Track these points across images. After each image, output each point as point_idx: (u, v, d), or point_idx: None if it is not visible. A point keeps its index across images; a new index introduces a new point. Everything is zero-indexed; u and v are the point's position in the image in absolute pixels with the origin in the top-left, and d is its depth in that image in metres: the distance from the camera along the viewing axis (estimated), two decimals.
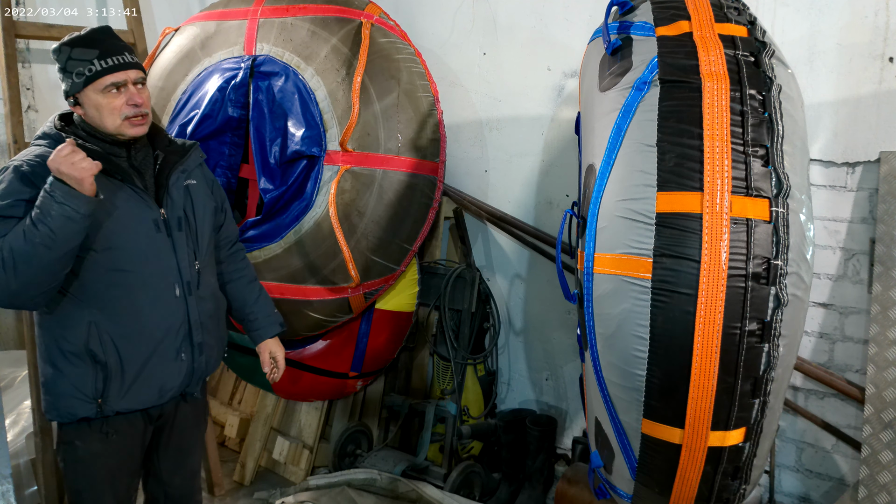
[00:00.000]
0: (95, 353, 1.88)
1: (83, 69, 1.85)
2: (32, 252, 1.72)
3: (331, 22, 2.94)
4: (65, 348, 1.89)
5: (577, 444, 3.06)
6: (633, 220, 1.75)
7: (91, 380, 1.90)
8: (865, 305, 2.43)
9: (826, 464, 2.58)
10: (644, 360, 1.74)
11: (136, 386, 1.95)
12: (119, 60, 1.89)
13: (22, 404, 3.24)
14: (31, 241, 1.71)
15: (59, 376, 1.90)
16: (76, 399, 1.90)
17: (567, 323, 3.18)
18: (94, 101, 1.88)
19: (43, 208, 1.72)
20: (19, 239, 1.72)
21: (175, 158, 2.07)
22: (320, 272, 2.86)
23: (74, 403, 1.91)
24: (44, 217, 1.71)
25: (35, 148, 1.90)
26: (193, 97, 3.03)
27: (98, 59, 1.86)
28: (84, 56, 1.86)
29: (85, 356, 1.89)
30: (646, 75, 1.83)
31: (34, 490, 3.04)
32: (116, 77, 1.88)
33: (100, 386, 1.91)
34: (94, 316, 1.88)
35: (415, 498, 2.86)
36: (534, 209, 3.20)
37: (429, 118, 2.99)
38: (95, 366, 1.90)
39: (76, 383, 1.90)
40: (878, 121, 2.33)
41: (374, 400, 3.48)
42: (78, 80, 1.86)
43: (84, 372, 1.90)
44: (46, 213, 1.71)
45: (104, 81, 1.87)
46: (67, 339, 1.88)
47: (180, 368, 2.03)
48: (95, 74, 1.86)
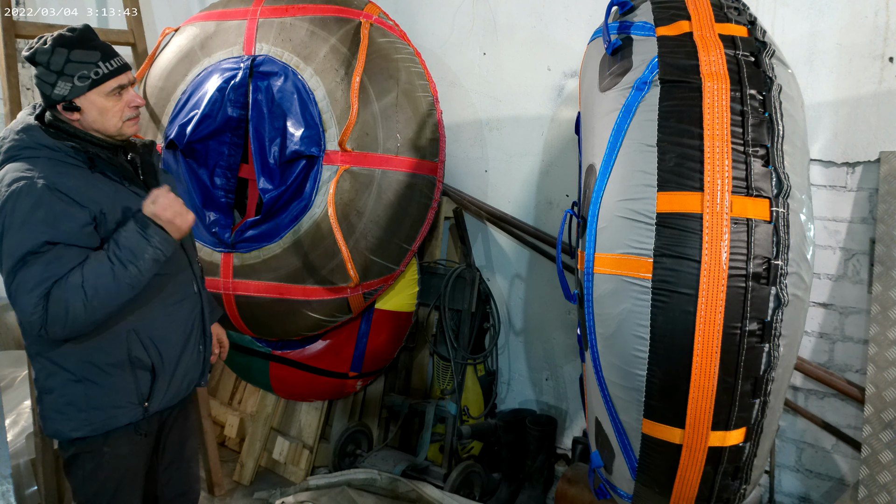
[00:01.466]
0: (141, 358, 1.92)
1: (88, 72, 1.81)
2: (118, 291, 1.75)
3: (330, 22, 2.94)
4: (102, 361, 1.88)
5: (577, 444, 3.06)
6: (634, 220, 1.75)
7: (134, 385, 1.93)
8: (865, 305, 2.43)
9: (826, 464, 2.58)
10: (644, 360, 1.74)
11: (175, 382, 2.03)
12: (120, 63, 1.88)
13: (22, 404, 3.25)
14: (121, 282, 1.74)
15: (98, 390, 1.89)
16: (119, 408, 1.92)
17: (567, 323, 3.18)
18: (98, 104, 1.85)
19: (136, 251, 1.76)
20: (107, 278, 1.73)
21: (150, 159, 2.08)
22: (319, 272, 2.86)
23: (117, 413, 1.92)
24: (136, 259, 1.75)
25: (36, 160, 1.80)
26: (193, 97, 3.02)
27: (102, 62, 1.84)
28: (86, 58, 1.82)
29: (126, 364, 1.90)
30: (646, 75, 1.83)
31: (34, 490, 3.04)
32: (121, 80, 1.88)
33: (145, 390, 1.95)
34: (132, 324, 1.90)
35: (415, 498, 2.86)
36: (534, 209, 3.20)
37: (428, 118, 2.99)
38: (138, 371, 1.93)
39: (120, 392, 1.91)
40: (878, 121, 2.33)
41: (374, 400, 3.48)
42: (82, 84, 1.81)
43: (126, 380, 1.91)
44: (139, 256, 1.76)
45: (111, 85, 1.85)
46: (106, 351, 1.88)
47: (198, 359, 2.12)
48: (103, 77, 1.83)
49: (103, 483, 1.97)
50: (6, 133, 1.86)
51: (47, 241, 1.72)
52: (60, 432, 1.91)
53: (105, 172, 1.88)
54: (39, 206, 1.73)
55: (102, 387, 1.89)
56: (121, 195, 1.89)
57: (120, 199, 1.88)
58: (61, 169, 1.80)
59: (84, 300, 1.71)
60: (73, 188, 1.78)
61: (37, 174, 1.76)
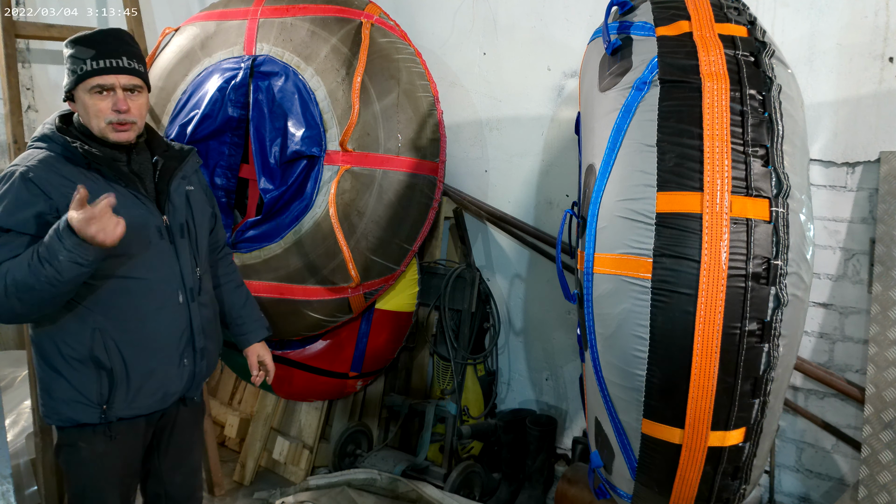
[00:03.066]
0: (100, 359, 1.87)
1: (76, 67, 1.86)
2: (35, 286, 1.70)
3: (331, 22, 2.94)
4: (67, 353, 1.87)
5: (577, 444, 3.06)
6: (633, 220, 1.75)
7: (95, 386, 1.89)
8: (865, 305, 2.43)
9: (826, 464, 2.58)
10: (644, 360, 1.74)
11: (142, 392, 1.94)
12: (112, 63, 1.85)
13: (22, 404, 3.24)
14: (36, 277, 1.69)
15: (61, 381, 1.89)
16: (79, 404, 1.89)
17: (567, 323, 3.18)
18: (82, 100, 1.88)
19: (51, 250, 1.67)
20: (23, 270, 1.69)
21: (174, 164, 2.05)
22: (320, 272, 2.86)
23: (77, 408, 1.89)
24: (51, 259, 1.67)
25: (36, 151, 1.87)
26: (193, 97, 3.03)
27: (91, 59, 1.84)
28: (81, 54, 1.85)
29: (88, 362, 1.87)
30: (646, 75, 1.83)
31: (34, 490, 3.04)
32: (104, 80, 1.85)
33: (105, 392, 1.89)
34: (99, 323, 1.87)
35: (415, 498, 2.86)
36: (534, 209, 3.20)
37: (428, 118, 2.99)
38: (100, 372, 1.88)
39: (79, 388, 1.88)
40: (878, 121, 2.33)
41: (374, 400, 3.48)
42: (71, 78, 1.88)
43: (87, 378, 1.88)
44: (54, 257, 1.67)
45: (91, 82, 1.85)
46: (70, 344, 1.87)
47: (182, 374, 2.03)
48: (85, 74, 1.85)
49: (84, 478, 1.97)
50: None
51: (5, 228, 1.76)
52: (44, 413, 1.96)
53: (100, 172, 1.88)
54: (7, 191, 1.78)
55: (64, 378, 1.88)
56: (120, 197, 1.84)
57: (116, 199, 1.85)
58: (51, 161, 1.84)
59: (4, 288, 1.70)
60: (46, 180, 1.80)
61: (26, 162, 1.83)
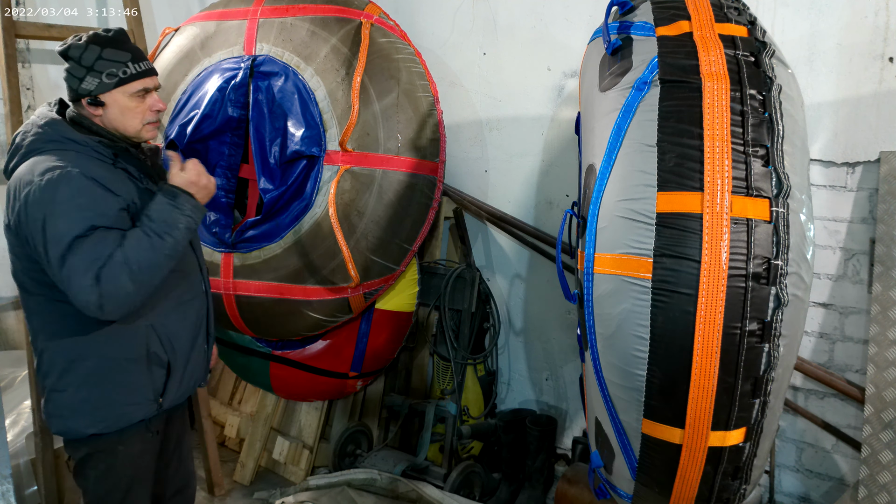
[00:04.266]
0: (158, 354, 1.95)
1: (116, 70, 1.87)
2: (159, 263, 1.81)
3: (330, 22, 2.94)
4: (121, 357, 1.90)
5: (577, 444, 3.06)
6: (634, 220, 1.75)
7: (149, 381, 1.95)
8: (865, 305, 2.43)
9: (826, 464, 2.58)
10: (644, 360, 1.74)
11: (185, 379, 2.06)
12: (147, 66, 1.93)
13: (22, 404, 3.24)
14: (160, 253, 1.80)
15: (115, 386, 1.91)
16: (135, 405, 1.94)
17: (567, 323, 3.18)
18: (121, 103, 1.90)
19: (170, 220, 1.82)
20: (146, 252, 1.78)
21: (158, 161, 2.12)
22: (320, 272, 2.86)
23: (132, 409, 1.94)
24: (170, 229, 1.82)
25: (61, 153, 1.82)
26: (193, 97, 3.02)
27: (132, 63, 1.89)
28: (117, 57, 1.87)
29: (143, 360, 1.93)
30: (646, 75, 1.83)
31: (34, 490, 3.04)
32: (146, 82, 1.93)
33: (159, 385, 1.98)
34: (149, 320, 1.93)
35: (415, 498, 2.86)
36: (534, 209, 3.20)
37: (428, 118, 2.99)
38: (153, 367, 1.95)
39: (136, 389, 1.94)
40: (878, 121, 2.33)
41: (374, 400, 3.48)
42: (109, 81, 1.87)
43: (142, 376, 1.94)
44: (174, 226, 1.83)
45: (136, 85, 1.90)
46: (125, 347, 1.90)
47: (203, 358, 2.15)
48: (130, 77, 1.89)
49: (116, 482, 1.97)
50: (28, 126, 1.90)
51: (93, 225, 1.76)
52: (73, 430, 1.91)
53: (126, 169, 1.92)
54: (80, 192, 1.77)
55: (119, 383, 1.91)
56: (139, 192, 1.92)
57: (138, 194, 1.91)
58: (88, 162, 1.84)
59: (130, 276, 1.75)
60: (104, 178, 1.83)
61: (69, 165, 1.79)
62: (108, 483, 1.97)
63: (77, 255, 1.73)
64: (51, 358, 1.90)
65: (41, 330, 1.90)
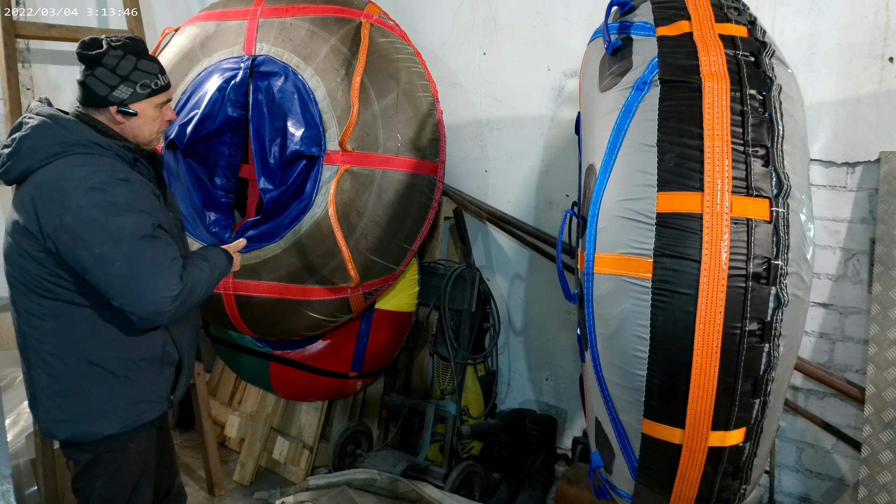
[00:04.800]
0: (171, 353, 2.03)
1: (149, 81, 1.93)
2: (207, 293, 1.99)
3: (330, 22, 2.94)
4: (138, 357, 1.94)
5: (577, 444, 3.06)
6: (634, 220, 1.75)
7: (163, 380, 2.02)
8: (865, 305, 2.43)
9: (826, 464, 2.58)
10: (644, 360, 1.74)
11: (188, 374, 2.14)
12: (169, 80, 2.01)
13: (22, 404, 3.24)
14: (211, 287, 2.00)
15: (133, 386, 1.95)
16: (150, 403, 2.00)
17: (567, 323, 3.18)
18: (148, 113, 1.95)
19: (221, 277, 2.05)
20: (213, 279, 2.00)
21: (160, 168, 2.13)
22: (319, 272, 2.86)
23: (148, 408, 2.00)
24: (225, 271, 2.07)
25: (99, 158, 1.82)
26: (193, 97, 3.02)
27: (160, 75, 1.96)
28: (150, 69, 1.93)
29: (157, 360, 1.99)
30: (646, 75, 1.83)
31: (34, 490, 3.04)
32: (169, 95, 2.02)
33: (171, 383, 2.06)
34: None
35: (415, 498, 2.86)
36: (534, 209, 3.20)
37: (428, 118, 2.99)
38: (164, 366, 2.02)
39: (151, 388, 1.99)
40: (878, 121, 2.33)
41: (374, 400, 3.48)
42: (142, 91, 1.92)
43: (156, 375, 2.00)
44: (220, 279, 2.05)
45: (162, 97, 1.98)
46: (143, 348, 1.95)
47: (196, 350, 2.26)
48: (161, 89, 1.96)
49: (125, 480, 1.99)
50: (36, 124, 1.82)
51: (158, 224, 1.86)
52: (90, 433, 1.90)
53: (141, 173, 1.95)
54: (137, 193, 1.83)
55: (137, 383, 1.95)
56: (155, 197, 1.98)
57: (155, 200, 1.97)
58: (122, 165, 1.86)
59: (203, 293, 1.94)
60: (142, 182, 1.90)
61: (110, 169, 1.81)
62: (117, 482, 1.97)
63: (153, 250, 1.80)
64: (64, 362, 1.87)
65: (54, 333, 1.86)
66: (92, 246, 1.74)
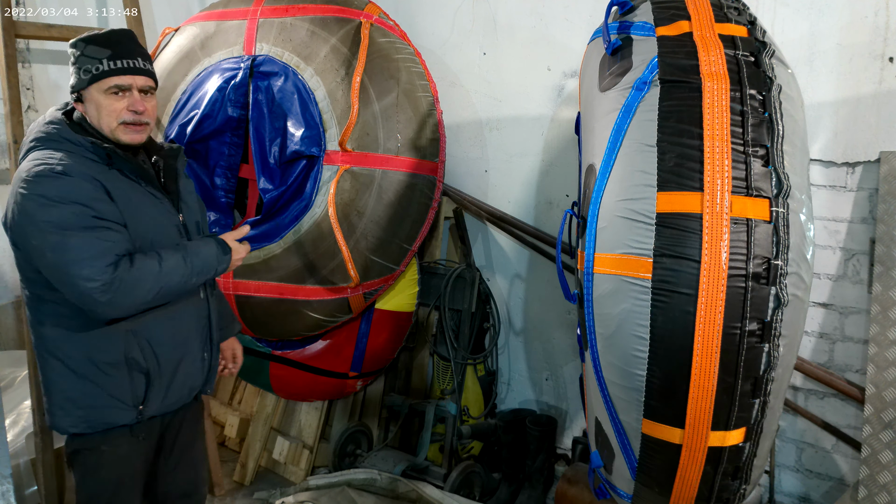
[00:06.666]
0: (137, 360, 1.91)
1: (91, 66, 1.85)
2: (177, 292, 1.91)
3: (330, 22, 2.94)
4: (100, 359, 1.88)
5: (577, 444, 3.06)
6: (634, 220, 1.75)
7: (130, 387, 1.92)
8: (865, 305, 2.43)
9: (826, 464, 2.58)
10: (644, 360, 1.74)
11: (173, 388, 2.00)
12: (129, 64, 1.88)
13: (22, 404, 3.24)
14: (184, 286, 1.90)
15: (94, 388, 1.89)
16: (115, 409, 1.91)
17: (567, 323, 3.18)
18: (95, 99, 1.87)
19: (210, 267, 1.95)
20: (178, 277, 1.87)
21: (173, 163, 2.07)
22: (319, 272, 2.86)
23: (113, 413, 1.91)
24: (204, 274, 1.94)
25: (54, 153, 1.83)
26: (193, 97, 3.03)
27: (108, 59, 1.86)
28: (95, 54, 1.85)
29: (122, 365, 1.90)
30: (646, 75, 1.83)
31: (34, 490, 3.04)
32: (122, 80, 1.87)
33: (140, 393, 1.93)
34: (131, 324, 1.89)
35: (415, 498, 2.86)
36: (534, 209, 3.20)
37: (428, 118, 2.99)
38: (134, 373, 1.91)
39: (115, 393, 1.91)
40: (878, 121, 2.33)
41: (374, 400, 3.48)
42: (84, 77, 1.86)
43: (122, 381, 1.91)
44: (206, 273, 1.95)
45: (109, 82, 1.86)
46: (103, 350, 1.88)
47: (203, 367, 2.11)
48: (102, 74, 1.85)
49: (103, 481, 1.97)
50: (35, 124, 1.92)
51: (94, 216, 1.77)
52: (60, 427, 1.93)
53: (122, 170, 1.90)
54: (71, 185, 1.77)
55: (99, 385, 1.89)
56: (136, 193, 1.91)
57: (134, 197, 1.90)
58: (81, 161, 1.84)
59: (156, 285, 1.82)
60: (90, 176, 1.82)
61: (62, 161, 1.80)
62: (93, 482, 1.97)
63: (81, 240, 1.74)
64: (44, 357, 1.91)
65: (33, 325, 1.92)
66: (29, 238, 1.76)
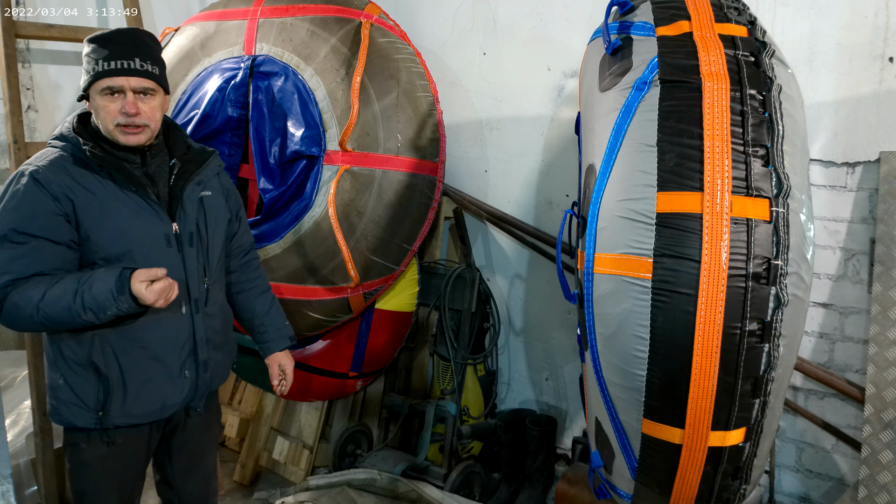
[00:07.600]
0: (98, 365, 1.87)
1: (90, 67, 1.84)
2: (67, 323, 1.78)
3: (330, 22, 2.94)
4: (68, 356, 1.88)
5: (577, 444, 3.06)
6: (634, 220, 1.75)
7: (93, 391, 1.89)
8: (865, 305, 2.43)
9: (826, 464, 2.58)
10: (644, 360, 1.74)
11: (138, 402, 1.93)
12: (123, 65, 1.82)
13: (22, 404, 3.24)
14: (72, 318, 1.75)
15: (63, 383, 1.91)
16: (77, 407, 1.90)
17: (567, 323, 3.18)
18: (95, 101, 1.86)
19: (99, 304, 1.74)
20: (60, 309, 1.74)
21: (191, 168, 2.01)
22: (320, 272, 2.86)
23: (75, 412, 1.90)
24: (97, 310, 1.75)
25: (51, 151, 1.87)
26: (193, 97, 3.03)
27: (103, 60, 1.81)
28: (95, 54, 1.83)
29: (88, 366, 1.88)
30: (646, 75, 1.83)
31: (34, 490, 3.04)
32: (114, 81, 1.82)
33: (101, 398, 1.89)
34: (100, 328, 1.86)
35: (415, 498, 2.86)
36: (534, 209, 3.20)
37: (428, 118, 2.99)
38: (98, 378, 1.88)
39: (78, 392, 1.89)
40: (878, 121, 2.33)
41: (374, 400, 3.48)
42: (86, 77, 1.86)
43: (86, 382, 1.89)
44: (101, 310, 1.75)
45: (101, 84, 1.83)
46: (71, 347, 1.88)
47: (184, 385, 2.00)
48: (97, 74, 1.83)
49: (84, 480, 1.97)
50: None
51: (17, 230, 1.76)
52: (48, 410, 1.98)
53: (112, 175, 1.86)
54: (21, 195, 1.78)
55: (66, 381, 1.90)
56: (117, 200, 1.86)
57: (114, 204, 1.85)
58: (62, 162, 1.84)
59: (33, 315, 1.74)
60: (54, 182, 1.80)
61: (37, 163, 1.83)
62: (78, 477, 1.98)
63: None
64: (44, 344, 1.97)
65: None
66: None
